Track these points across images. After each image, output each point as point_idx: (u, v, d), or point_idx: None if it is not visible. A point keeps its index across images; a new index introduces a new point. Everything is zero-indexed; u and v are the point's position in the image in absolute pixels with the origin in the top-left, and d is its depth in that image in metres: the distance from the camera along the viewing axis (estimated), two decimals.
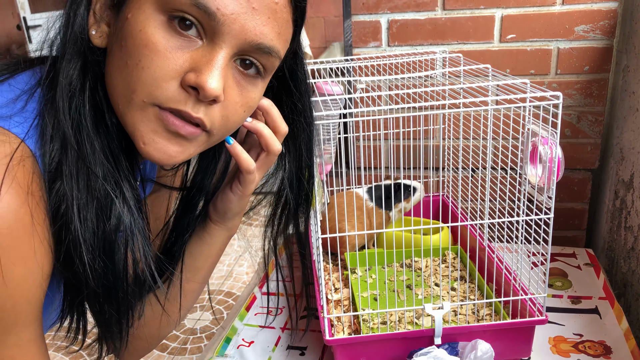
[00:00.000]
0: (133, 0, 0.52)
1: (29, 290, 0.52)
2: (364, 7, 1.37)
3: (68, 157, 0.53)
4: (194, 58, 0.52)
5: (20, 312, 0.53)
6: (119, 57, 0.52)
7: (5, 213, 0.48)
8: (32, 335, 0.55)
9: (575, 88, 1.32)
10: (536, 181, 0.85)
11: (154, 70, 0.51)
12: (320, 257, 0.88)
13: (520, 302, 0.90)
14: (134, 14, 0.51)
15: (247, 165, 0.66)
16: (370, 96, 0.84)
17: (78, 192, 0.53)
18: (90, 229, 0.54)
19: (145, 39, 0.51)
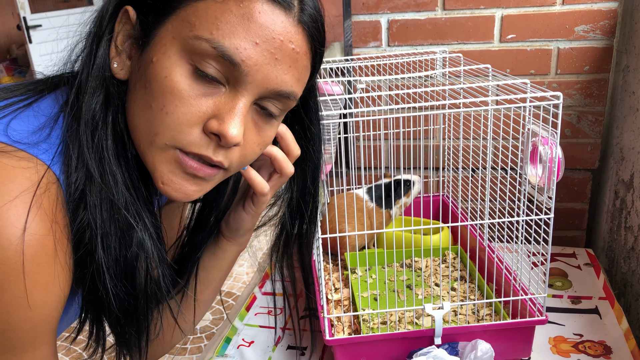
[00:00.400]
0: (158, 44, 0.53)
1: (49, 313, 0.54)
2: (364, 7, 1.37)
3: (92, 188, 0.55)
4: (216, 104, 0.54)
5: (38, 332, 0.54)
6: (143, 98, 0.54)
7: (31, 240, 0.49)
8: (46, 352, 0.57)
9: (575, 88, 1.32)
10: (536, 181, 0.85)
11: (178, 116, 0.53)
12: (321, 257, 0.88)
13: (520, 302, 0.90)
14: (159, 58, 0.53)
15: (262, 188, 0.68)
16: (370, 96, 0.84)
17: (102, 222, 0.55)
18: (113, 257, 0.56)
19: (170, 86, 0.52)
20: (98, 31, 0.57)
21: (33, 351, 0.55)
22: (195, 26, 0.51)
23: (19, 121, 0.55)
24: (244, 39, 0.52)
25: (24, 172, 0.51)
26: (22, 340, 0.53)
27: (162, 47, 0.53)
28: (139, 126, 0.55)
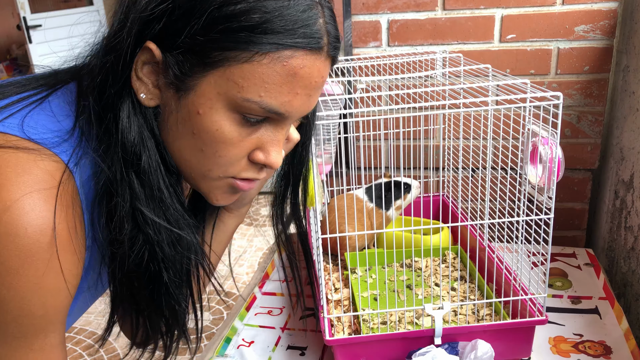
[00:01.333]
0: (202, 97, 0.56)
1: (61, 300, 0.57)
2: (364, 7, 1.37)
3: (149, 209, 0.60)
4: (259, 138, 0.60)
5: (50, 319, 0.57)
6: (192, 142, 0.58)
7: (46, 229, 0.52)
8: (56, 340, 0.59)
9: (575, 88, 1.32)
10: (536, 181, 0.85)
11: (230, 157, 0.59)
12: (320, 257, 0.88)
13: (520, 302, 0.90)
14: (205, 112, 0.56)
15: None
16: (370, 96, 0.84)
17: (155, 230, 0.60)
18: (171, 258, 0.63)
19: (222, 137, 0.57)
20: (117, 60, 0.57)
21: (43, 338, 0.57)
22: (244, 88, 0.55)
23: (34, 117, 0.57)
24: (288, 93, 0.56)
25: (40, 164, 0.54)
26: (33, 327, 0.56)
27: (208, 102, 0.56)
28: (189, 161, 0.60)
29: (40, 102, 0.59)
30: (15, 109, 0.57)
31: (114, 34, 0.56)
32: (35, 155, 0.54)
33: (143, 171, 0.58)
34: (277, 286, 1.19)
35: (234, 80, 0.54)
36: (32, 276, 0.53)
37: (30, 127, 0.56)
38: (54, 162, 0.55)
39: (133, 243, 0.60)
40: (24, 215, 0.51)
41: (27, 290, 0.53)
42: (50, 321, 0.57)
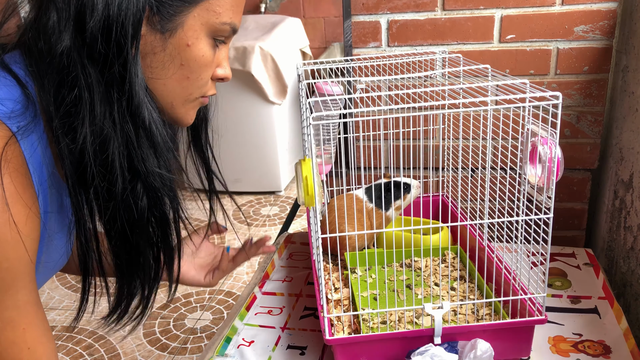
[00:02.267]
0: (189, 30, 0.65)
1: (22, 252, 0.60)
2: (364, 8, 1.37)
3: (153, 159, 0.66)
4: (217, 57, 0.71)
5: (15, 272, 0.60)
6: (179, 73, 0.67)
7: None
8: (28, 297, 0.63)
9: (575, 88, 1.32)
10: (536, 181, 0.85)
11: (207, 78, 0.70)
12: (320, 257, 0.89)
13: (519, 301, 0.90)
14: (193, 42, 0.66)
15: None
16: (370, 96, 0.84)
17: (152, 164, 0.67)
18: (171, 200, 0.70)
19: (205, 61, 0.68)
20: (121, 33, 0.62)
21: (14, 294, 0.60)
22: (220, 14, 0.66)
23: None
24: (240, 12, 0.70)
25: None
26: (1, 281, 0.59)
27: (195, 33, 0.66)
28: (173, 92, 0.68)
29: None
30: None
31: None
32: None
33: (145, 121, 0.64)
34: (277, 286, 1.19)
35: (213, 10, 0.66)
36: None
37: None
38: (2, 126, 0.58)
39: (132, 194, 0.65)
40: None
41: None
42: (17, 275, 0.60)
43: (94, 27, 0.60)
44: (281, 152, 3.35)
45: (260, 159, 3.32)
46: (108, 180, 0.63)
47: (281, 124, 3.30)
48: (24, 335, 0.62)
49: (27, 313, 0.62)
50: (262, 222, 3.13)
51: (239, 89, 3.15)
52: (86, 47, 0.60)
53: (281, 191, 3.45)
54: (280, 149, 3.34)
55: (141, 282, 0.74)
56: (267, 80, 3.13)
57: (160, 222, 0.70)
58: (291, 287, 1.18)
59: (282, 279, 1.22)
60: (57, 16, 0.60)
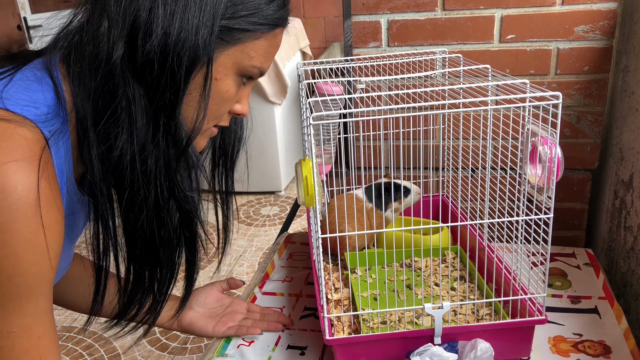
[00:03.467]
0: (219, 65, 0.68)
1: (50, 259, 0.60)
2: (364, 7, 1.37)
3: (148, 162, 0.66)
4: (240, 94, 0.74)
5: (41, 279, 0.60)
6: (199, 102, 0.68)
7: (32, 187, 0.56)
8: (46, 306, 0.62)
9: (575, 88, 1.32)
10: (536, 181, 0.85)
11: (224, 111, 0.73)
12: (320, 257, 0.89)
13: (519, 301, 0.90)
14: (221, 78, 0.69)
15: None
16: (370, 96, 0.84)
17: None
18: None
19: (228, 96, 0.71)
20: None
21: (35, 302, 0.60)
22: (253, 58, 0.70)
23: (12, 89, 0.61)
24: (271, 59, 0.74)
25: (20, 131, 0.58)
26: (27, 287, 0.58)
27: (224, 69, 0.68)
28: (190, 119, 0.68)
29: (11, 77, 0.63)
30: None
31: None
32: (15, 124, 0.58)
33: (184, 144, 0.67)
34: (277, 286, 1.19)
35: (247, 52, 0.69)
36: (24, 232, 0.56)
37: (9, 99, 0.60)
38: (32, 132, 0.59)
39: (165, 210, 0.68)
40: (12, 175, 0.55)
41: (20, 246, 0.56)
42: (41, 282, 0.60)
43: (150, 50, 0.61)
44: (281, 152, 3.35)
45: (260, 158, 3.32)
46: (143, 193, 0.65)
47: (281, 124, 3.30)
48: (38, 343, 0.61)
49: (43, 321, 0.62)
50: (262, 222, 3.13)
51: None
52: (136, 65, 0.62)
53: (281, 191, 3.45)
54: (280, 149, 3.34)
55: (155, 293, 0.75)
56: (267, 80, 3.13)
57: (188, 239, 0.73)
58: (291, 287, 1.18)
59: (282, 279, 1.22)
60: (109, 24, 0.61)
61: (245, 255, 2.80)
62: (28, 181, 0.56)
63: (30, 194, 0.56)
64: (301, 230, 1.93)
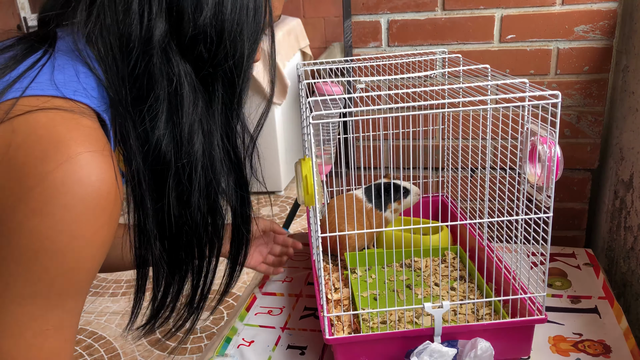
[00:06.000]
0: None
1: (102, 257, 0.56)
2: (364, 8, 1.37)
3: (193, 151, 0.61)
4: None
5: (91, 277, 0.56)
6: None
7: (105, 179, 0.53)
8: (82, 306, 0.58)
9: (575, 88, 1.32)
10: (535, 180, 0.85)
11: None
12: (320, 257, 0.89)
13: (519, 301, 0.90)
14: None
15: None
16: (370, 96, 0.84)
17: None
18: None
19: None
20: None
21: (76, 300, 0.56)
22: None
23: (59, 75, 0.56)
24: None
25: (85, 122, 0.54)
26: (79, 283, 0.55)
27: None
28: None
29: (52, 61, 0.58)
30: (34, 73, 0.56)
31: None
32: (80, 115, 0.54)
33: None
34: (277, 286, 1.19)
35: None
36: (94, 225, 0.53)
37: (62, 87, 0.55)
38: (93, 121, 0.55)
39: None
40: (86, 166, 0.52)
41: (86, 241, 0.53)
42: (91, 279, 0.56)
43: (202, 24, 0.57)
44: (281, 152, 3.35)
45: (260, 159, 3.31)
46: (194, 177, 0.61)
47: (281, 124, 3.30)
48: (64, 346, 0.57)
49: (74, 323, 0.58)
50: None
51: None
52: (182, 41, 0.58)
53: (281, 191, 3.44)
54: (280, 149, 3.33)
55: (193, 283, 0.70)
56: (267, 80, 3.13)
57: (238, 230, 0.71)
58: (291, 287, 1.18)
59: (282, 279, 1.22)
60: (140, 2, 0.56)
61: None
62: (100, 172, 0.53)
63: (104, 185, 0.53)
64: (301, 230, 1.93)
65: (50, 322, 0.54)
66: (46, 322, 0.54)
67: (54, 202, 0.51)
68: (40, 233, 0.51)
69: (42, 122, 0.52)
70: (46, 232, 0.51)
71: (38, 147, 0.51)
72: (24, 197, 0.50)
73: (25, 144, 0.51)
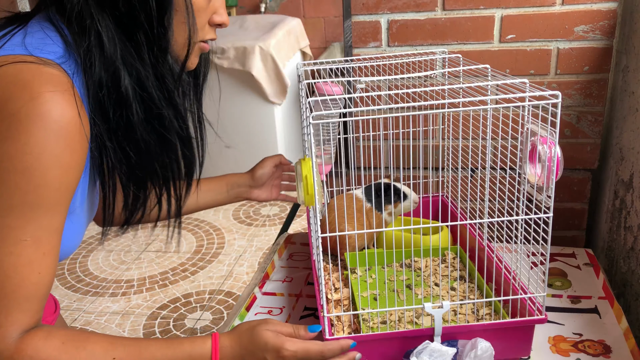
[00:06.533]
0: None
1: (71, 179, 0.67)
2: (364, 7, 1.38)
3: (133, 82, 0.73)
4: (213, 5, 0.77)
5: (61, 195, 0.66)
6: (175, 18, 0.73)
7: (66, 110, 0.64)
8: (59, 225, 0.68)
9: (575, 88, 1.32)
10: (535, 180, 0.85)
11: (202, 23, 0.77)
12: (321, 257, 0.89)
13: (519, 301, 0.90)
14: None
15: None
16: (370, 96, 0.84)
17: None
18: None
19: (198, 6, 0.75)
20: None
21: (51, 218, 0.66)
22: None
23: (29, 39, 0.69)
24: None
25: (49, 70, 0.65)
26: (48, 200, 0.65)
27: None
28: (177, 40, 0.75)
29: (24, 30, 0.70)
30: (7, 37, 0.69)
31: None
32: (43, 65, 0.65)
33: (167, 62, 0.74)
34: (277, 286, 1.19)
35: None
36: (54, 149, 0.63)
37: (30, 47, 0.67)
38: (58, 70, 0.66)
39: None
40: (47, 102, 0.63)
41: (50, 161, 0.63)
42: (61, 199, 0.66)
43: None
44: (281, 152, 3.35)
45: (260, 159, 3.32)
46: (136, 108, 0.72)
47: (281, 124, 3.30)
48: (42, 259, 0.66)
49: (52, 239, 0.67)
50: (262, 222, 3.13)
51: (239, 89, 3.15)
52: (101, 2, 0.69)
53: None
54: (280, 149, 3.33)
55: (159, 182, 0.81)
56: (267, 80, 3.13)
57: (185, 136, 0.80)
58: (291, 287, 1.18)
59: (282, 279, 1.22)
60: None
61: (245, 255, 2.80)
62: (60, 107, 0.63)
63: (63, 118, 0.63)
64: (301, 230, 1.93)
65: (27, 233, 0.64)
66: (23, 233, 0.64)
67: (19, 129, 0.62)
68: (9, 154, 0.62)
69: (10, 72, 0.64)
70: (14, 154, 0.62)
71: (6, 91, 0.62)
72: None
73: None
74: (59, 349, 0.68)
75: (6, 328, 0.65)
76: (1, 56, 0.66)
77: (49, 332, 0.69)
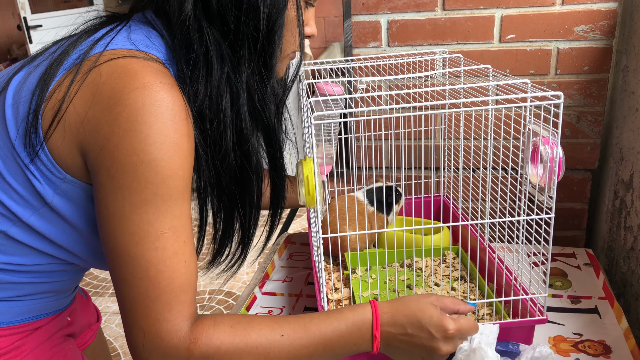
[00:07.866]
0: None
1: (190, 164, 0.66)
2: (364, 7, 1.37)
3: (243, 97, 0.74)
4: (306, 16, 0.78)
5: (187, 182, 0.66)
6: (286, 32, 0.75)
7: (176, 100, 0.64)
8: (189, 212, 0.68)
9: (575, 88, 1.32)
10: (537, 181, 0.85)
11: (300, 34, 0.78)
12: (321, 257, 0.89)
13: (520, 301, 0.90)
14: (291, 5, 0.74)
15: None
16: (370, 96, 0.84)
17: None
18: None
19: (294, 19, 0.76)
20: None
21: (181, 206, 0.66)
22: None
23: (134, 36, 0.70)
24: None
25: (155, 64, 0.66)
26: (177, 189, 0.65)
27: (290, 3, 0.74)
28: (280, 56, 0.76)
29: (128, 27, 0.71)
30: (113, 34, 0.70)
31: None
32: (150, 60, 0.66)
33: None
34: (277, 286, 1.19)
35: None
36: (174, 137, 0.63)
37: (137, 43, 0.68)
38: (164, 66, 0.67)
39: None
40: (159, 92, 0.63)
41: (172, 150, 0.63)
42: (187, 186, 0.66)
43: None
44: None
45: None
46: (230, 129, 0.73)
47: None
48: (184, 247, 0.66)
49: (187, 227, 0.67)
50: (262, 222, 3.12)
51: None
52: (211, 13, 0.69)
53: None
54: None
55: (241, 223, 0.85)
56: None
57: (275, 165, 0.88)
58: (291, 287, 1.18)
59: (282, 279, 1.22)
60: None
61: None
62: (171, 97, 0.64)
63: (175, 106, 0.64)
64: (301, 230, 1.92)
65: (165, 226, 0.64)
66: (162, 226, 0.64)
67: (139, 120, 0.62)
68: (135, 148, 0.62)
69: (120, 63, 0.64)
70: (139, 146, 0.62)
71: (118, 81, 0.63)
72: (115, 122, 0.62)
73: (108, 81, 0.63)
74: (229, 333, 0.68)
75: (174, 322, 0.65)
76: (110, 50, 0.67)
77: (214, 318, 0.70)
